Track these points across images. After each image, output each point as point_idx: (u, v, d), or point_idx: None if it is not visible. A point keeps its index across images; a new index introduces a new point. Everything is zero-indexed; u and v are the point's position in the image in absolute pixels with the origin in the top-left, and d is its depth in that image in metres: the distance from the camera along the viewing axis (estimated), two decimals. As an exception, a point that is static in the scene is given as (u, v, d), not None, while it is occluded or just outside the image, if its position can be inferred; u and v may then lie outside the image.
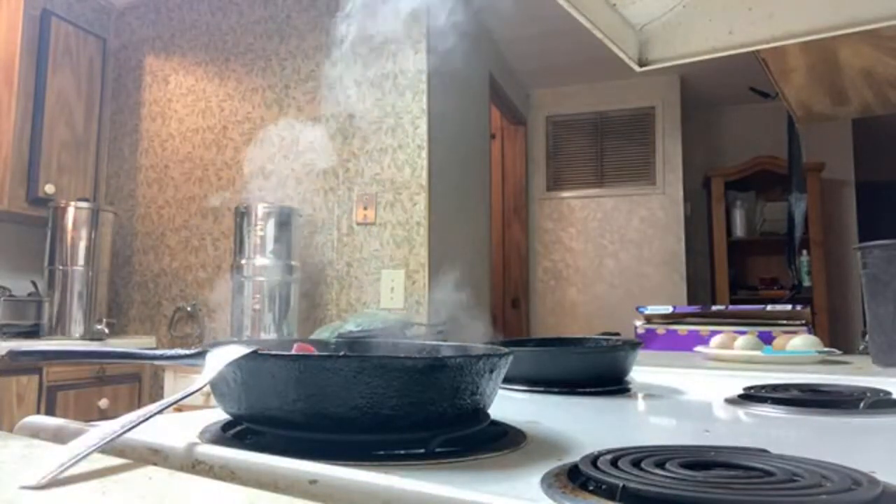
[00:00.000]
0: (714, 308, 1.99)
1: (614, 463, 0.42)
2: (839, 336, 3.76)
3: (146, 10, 3.22)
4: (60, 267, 2.60)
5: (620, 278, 4.10)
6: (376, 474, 0.37)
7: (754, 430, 0.73)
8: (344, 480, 0.37)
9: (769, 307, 1.85)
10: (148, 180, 3.11)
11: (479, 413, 0.56)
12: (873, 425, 0.71)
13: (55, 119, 2.78)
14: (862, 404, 0.75)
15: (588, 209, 4.24)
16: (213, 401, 0.55)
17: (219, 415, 0.58)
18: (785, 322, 1.78)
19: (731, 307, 2.02)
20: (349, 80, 2.72)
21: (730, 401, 0.83)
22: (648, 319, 1.93)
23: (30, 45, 2.70)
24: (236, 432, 0.55)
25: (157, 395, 2.71)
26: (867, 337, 1.37)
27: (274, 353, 0.51)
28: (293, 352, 0.62)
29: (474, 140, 3.26)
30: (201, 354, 0.53)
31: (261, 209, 2.45)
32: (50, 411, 2.24)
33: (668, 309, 1.96)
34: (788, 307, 1.85)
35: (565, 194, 4.30)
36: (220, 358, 0.51)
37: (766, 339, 1.56)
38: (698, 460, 0.43)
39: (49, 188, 2.72)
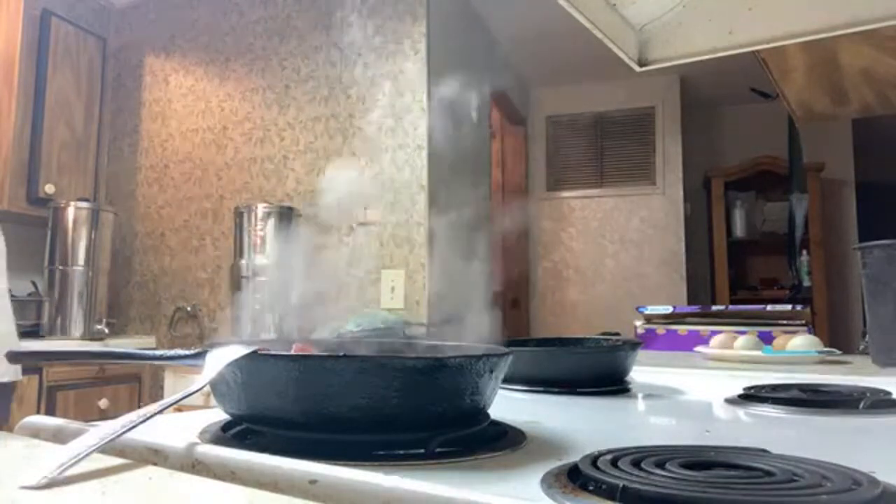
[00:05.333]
0: (714, 308, 1.99)
1: (614, 463, 0.42)
2: (839, 336, 3.76)
3: (146, 10, 3.21)
4: (60, 267, 2.60)
5: (620, 278, 4.10)
6: (376, 474, 0.37)
7: (754, 430, 0.73)
8: (344, 480, 0.37)
9: (769, 307, 1.85)
10: (148, 180, 3.11)
11: (479, 413, 0.56)
12: (873, 425, 0.71)
13: (55, 119, 2.78)
14: (862, 404, 0.75)
15: (588, 209, 4.24)
16: (213, 401, 0.55)
17: (219, 415, 0.58)
18: (785, 322, 1.78)
19: (731, 307, 2.01)
20: (349, 80, 2.72)
21: (730, 401, 0.83)
22: (648, 319, 1.93)
23: (30, 45, 2.70)
24: (236, 432, 0.55)
25: (157, 395, 2.71)
26: (867, 337, 1.37)
27: (274, 353, 0.52)
28: (293, 352, 0.62)
29: (474, 140, 3.26)
30: (201, 354, 0.53)
31: (261, 209, 2.46)
32: (50, 411, 2.24)
33: (668, 309, 1.96)
34: (788, 307, 1.85)
35: (565, 194, 4.30)
36: (220, 358, 0.51)
37: (766, 339, 1.56)
38: (698, 460, 0.43)
39: (49, 188, 2.72)
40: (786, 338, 1.42)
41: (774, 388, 0.87)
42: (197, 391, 0.49)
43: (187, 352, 0.55)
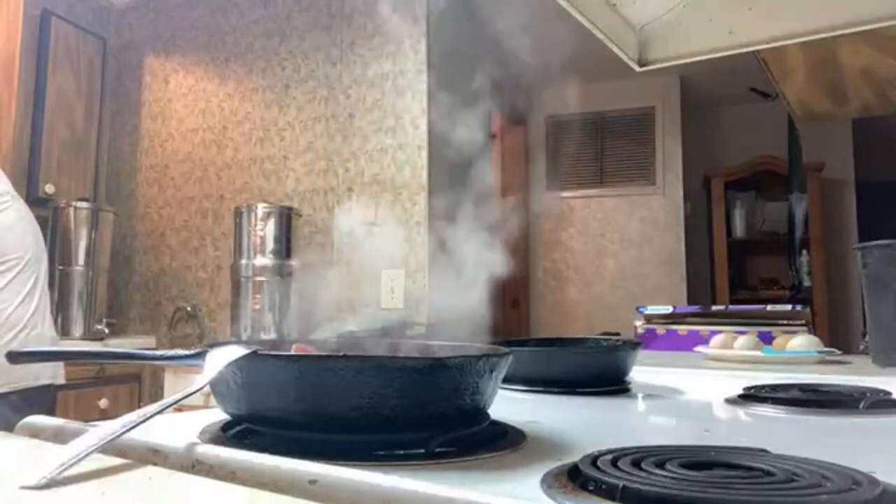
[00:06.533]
0: (714, 308, 1.99)
1: (614, 463, 0.42)
2: (839, 336, 3.76)
3: (146, 10, 3.21)
4: (60, 267, 2.60)
5: (620, 278, 4.10)
6: (376, 474, 0.37)
7: (754, 430, 0.73)
8: (344, 480, 0.37)
9: (769, 307, 1.85)
10: (148, 180, 3.11)
11: (479, 413, 0.56)
12: (873, 425, 0.71)
13: (55, 119, 2.77)
14: (862, 404, 0.75)
15: (588, 209, 4.24)
16: (213, 401, 0.55)
17: (219, 415, 0.58)
18: (785, 322, 1.78)
19: (731, 307, 2.02)
20: (349, 80, 2.72)
21: (730, 401, 0.83)
22: (648, 319, 1.93)
23: (30, 45, 2.70)
24: (236, 432, 0.55)
25: (157, 395, 2.71)
26: (867, 337, 1.37)
27: (274, 353, 0.52)
28: (292, 352, 0.62)
29: (474, 140, 3.26)
30: (201, 355, 0.53)
31: (261, 209, 2.46)
32: (50, 411, 2.24)
33: (668, 309, 1.96)
34: (788, 307, 1.85)
35: (565, 194, 4.30)
36: (220, 358, 0.51)
37: (766, 339, 1.56)
38: (698, 460, 0.43)
39: (49, 188, 2.72)
40: (786, 338, 1.42)
41: (774, 388, 0.87)
42: (197, 391, 0.49)
43: (187, 352, 0.55)
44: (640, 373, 1.03)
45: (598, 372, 0.91)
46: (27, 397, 1.67)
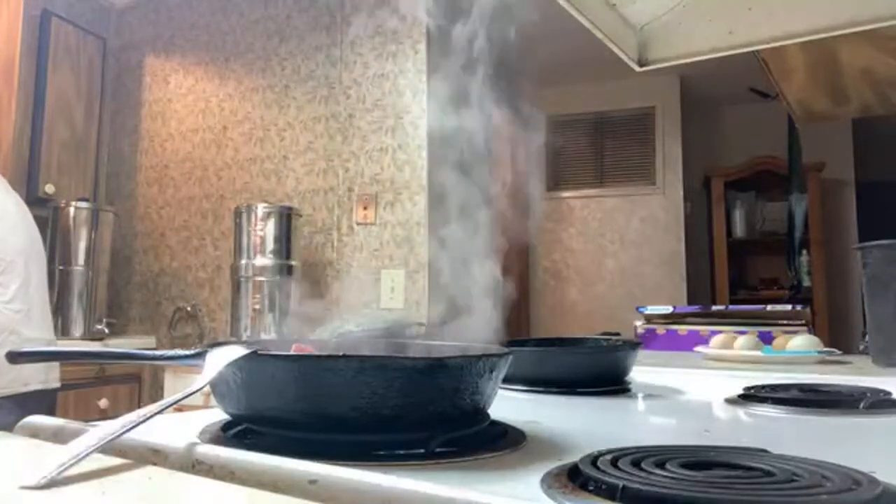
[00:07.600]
0: (714, 308, 1.99)
1: (614, 463, 0.42)
2: (839, 336, 3.76)
3: (146, 10, 3.21)
4: (60, 267, 2.60)
5: (620, 278, 4.10)
6: (376, 474, 0.37)
7: (754, 430, 0.73)
8: (344, 480, 0.37)
9: (769, 307, 1.85)
10: (148, 180, 3.11)
11: (479, 413, 0.56)
12: (873, 425, 0.71)
13: (55, 119, 2.77)
14: (862, 404, 0.75)
15: (588, 209, 4.24)
16: (213, 401, 0.55)
17: (219, 415, 0.58)
18: (785, 322, 1.78)
19: (731, 307, 2.02)
20: (349, 80, 2.72)
21: (730, 401, 0.83)
22: (648, 319, 1.93)
23: (30, 45, 2.70)
24: (236, 432, 0.55)
25: (157, 395, 2.71)
26: (867, 337, 1.37)
27: (274, 353, 0.52)
28: (292, 352, 0.62)
29: (474, 140, 3.26)
30: (201, 355, 0.53)
31: (261, 209, 2.46)
32: (50, 411, 2.24)
33: (668, 309, 1.96)
34: (788, 307, 1.85)
35: (565, 194, 4.30)
36: (220, 358, 0.51)
37: (766, 339, 1.56)
38: (698, 460, 0.43)
39: (49, 188, 2.72)
40: (786, 338, 1.42)
41: (774, 388, 0.87)
42: (197, 391, 0.49)
43: (187, 352, 0.55)
44: (640, 373, 1.02)
45: (598, 372, 0.91)
46: (19, 402, 1.64)
